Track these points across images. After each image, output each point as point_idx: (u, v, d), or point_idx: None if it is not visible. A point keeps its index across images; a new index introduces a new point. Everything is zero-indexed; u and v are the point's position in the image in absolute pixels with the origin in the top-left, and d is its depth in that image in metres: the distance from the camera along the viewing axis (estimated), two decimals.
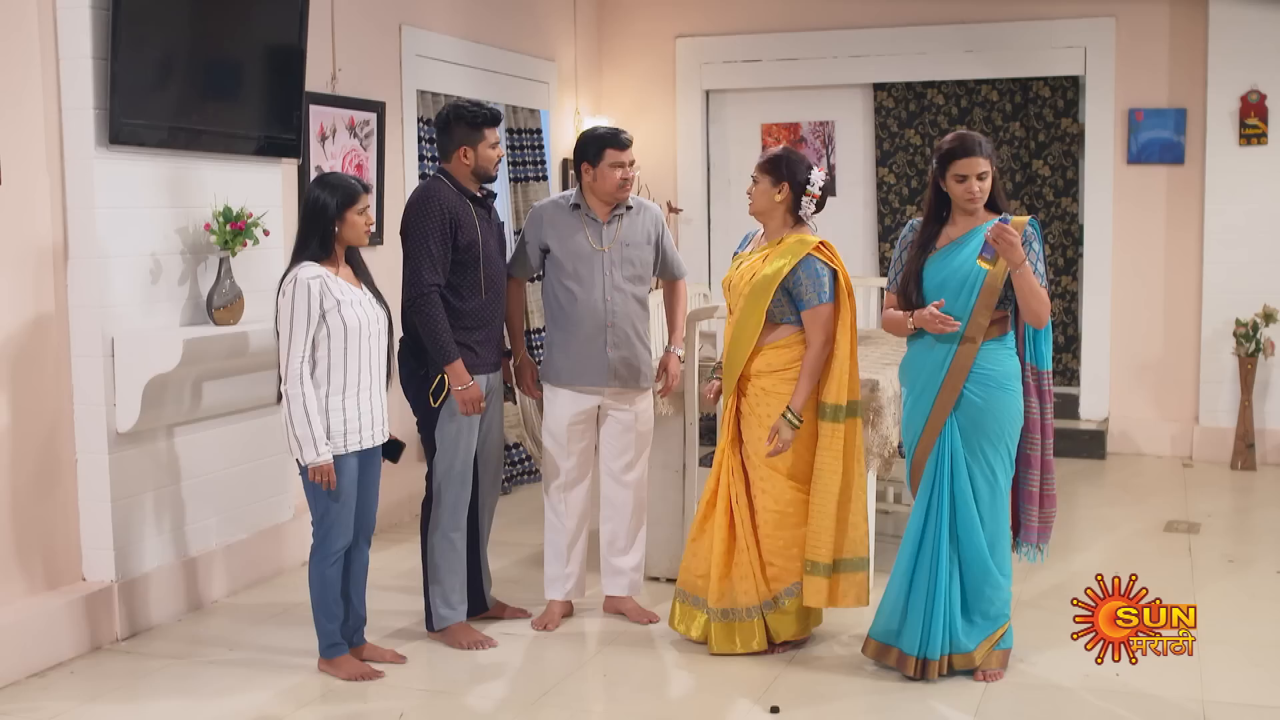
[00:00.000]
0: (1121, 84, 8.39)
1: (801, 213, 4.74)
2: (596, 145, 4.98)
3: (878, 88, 8.98)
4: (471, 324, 4.87)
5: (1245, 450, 8.03)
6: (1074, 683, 4.49)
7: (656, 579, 5.66)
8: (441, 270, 4.76)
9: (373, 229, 4.59)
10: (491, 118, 4.90)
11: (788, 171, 4.70)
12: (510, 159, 8.00)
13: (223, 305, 5.21)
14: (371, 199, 4.56)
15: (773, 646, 4.80)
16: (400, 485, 6.44)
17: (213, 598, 5.42)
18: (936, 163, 4.47)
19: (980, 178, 4.40)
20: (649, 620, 5.15)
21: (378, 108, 6.61)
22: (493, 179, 4.99)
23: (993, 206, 4.49)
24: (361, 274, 4.58)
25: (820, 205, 4.77)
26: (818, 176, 4.73)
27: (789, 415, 4.63)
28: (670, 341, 5.27)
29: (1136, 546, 6.31)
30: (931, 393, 4.46)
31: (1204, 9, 8.14)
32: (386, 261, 5.89)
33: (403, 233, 4.84)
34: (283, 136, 5.64)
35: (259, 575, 5.69)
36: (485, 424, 5.00)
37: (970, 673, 4.53)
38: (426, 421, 4.90)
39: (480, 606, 5.14)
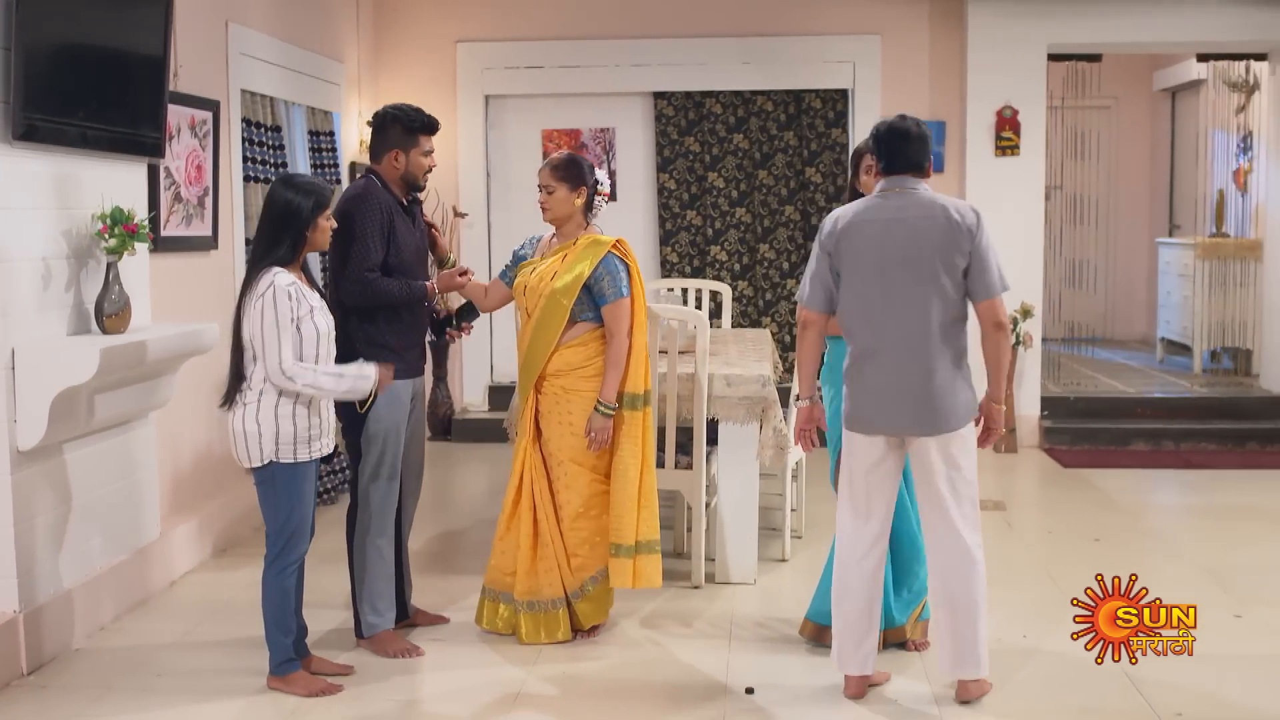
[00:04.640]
0: (886, 97, 9.00)
1: (593, 213, 4.97)
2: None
3: (658, 96, 9.25)
4: (400, 330, 4.81)
5: (1008, 435, 8.78)
6: (1007, 646, 4.77)
7: None
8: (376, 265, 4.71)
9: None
10: (427, 125, 4.82)
11: (584, 176, 4.90)
12: (312, 161, 7.81)
13: (113, 313, 4.90)
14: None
15: (577, 634, 4.97)
16: None
17: (101, 624, 5.07)
18: (850, 163, 4.76)
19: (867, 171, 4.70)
20: None
21: (213, 106, 6.33)
22: (420, 188, 4.91)
23: None
24: (311, 281, 4.45)
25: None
26: (603, 176, 5.02)
27: (602, 407, 4.80)
28: None
29: None
30: None
31: (962, 31, 8.86)
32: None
33: (339, 228, 4.65)
34: (151, 135, 5.36)
35: (142, 596, 5.38)
36: (409, 429, 4.93)
37: (902, 645, 4.84)
38: (353, 425, 4.79)
39: (401, 614, 5.05)
